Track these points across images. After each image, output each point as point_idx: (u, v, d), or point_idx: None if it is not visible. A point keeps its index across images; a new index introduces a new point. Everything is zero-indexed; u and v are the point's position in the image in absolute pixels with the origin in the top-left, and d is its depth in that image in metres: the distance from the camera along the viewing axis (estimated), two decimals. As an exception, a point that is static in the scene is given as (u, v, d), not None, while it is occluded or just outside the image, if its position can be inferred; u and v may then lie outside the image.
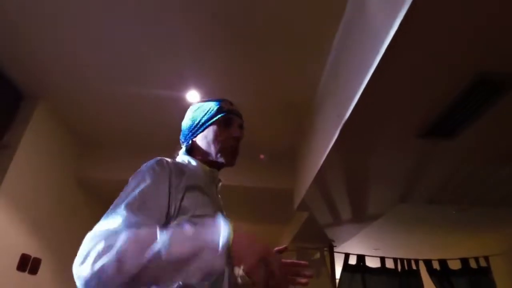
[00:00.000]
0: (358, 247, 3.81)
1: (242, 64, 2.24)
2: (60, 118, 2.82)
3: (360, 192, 2.46)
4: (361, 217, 2.96)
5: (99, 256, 0.57)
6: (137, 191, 0.72)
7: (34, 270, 2.52)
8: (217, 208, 0.89)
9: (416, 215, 2.99)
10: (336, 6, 1.81)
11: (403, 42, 1.21)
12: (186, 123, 1.03)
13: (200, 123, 0.99)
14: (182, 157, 0.97)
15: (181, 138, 1.04)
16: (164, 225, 0.72)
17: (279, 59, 2.19)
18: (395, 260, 3.20)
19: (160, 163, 0.81)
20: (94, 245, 0.59)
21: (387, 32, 1.22)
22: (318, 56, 2.13)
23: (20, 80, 2.41)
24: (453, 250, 3.91)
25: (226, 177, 1.08)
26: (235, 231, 0.64)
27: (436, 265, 3.21)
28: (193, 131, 0.99)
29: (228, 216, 0.94)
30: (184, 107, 2.72)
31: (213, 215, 0.81)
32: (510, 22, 1.12)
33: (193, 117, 1.01)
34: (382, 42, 1.25)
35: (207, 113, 0.99)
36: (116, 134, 3.09)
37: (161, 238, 0.59)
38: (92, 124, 2.95)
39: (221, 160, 0.96)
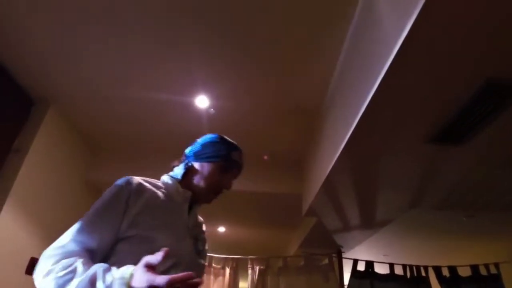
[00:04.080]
0: (366, 253, 3.78)
1: (251, 69, 2.25)
2: (70, 123, 2.86)
3: (369, 198, 2.44)
4: (370, 223, 2.94)
5: (41, 268, 0.77)
6: (92, 211, 0.88)
7: (43, 274, 2.54)
8: (184, 226, 0.98)
9: (426, 221, 2.96)
10: (345, 11, 1.81)
11: (413, 47, 1.20)
12: (196, 146, 1.11)
13: (207, 154, 1.06)
14: (164, 176, 1.06)
15: (185, 153, 1.11)
16: (114, 237, 0.86)
17: (288, 64, 2.20)
18: (404, 266, 3.16)
19: (119, 185, 0.93)
20: (45, 258, 0.78)
21: (397, 37, 1.22)
22: (327, 61, 2.14)
23: (31, 86, 2.45)
24: (462, 256, 3.86)
25: (234, 183, 1.11)
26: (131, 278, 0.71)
27: (445, 272, 3.16)
28: (196, 155, 1.07)
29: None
30: (192, 112, 2.77)
31: (172, 232, 0.91)
32: (523, 28, 1.12)
33: (204, 145, 1.09)
34: (392, 47, 1.26)
35: (217, 151, 1.07)
36: (125, 138, 3.12)
37: (78, 283, 0.72)
38: (102, 128, 2.99)
39: (201, 195, 1.05)
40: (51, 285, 0.74)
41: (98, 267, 0.74)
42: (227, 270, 3.09)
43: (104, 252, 0.86)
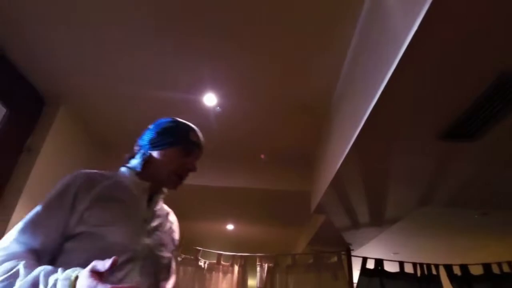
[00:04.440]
0: (376, 251, 3.75)
1: (258, 67, 2.25)
2: (81, 122, 2.89)
3: (379, 195, 2.42)
4: (379, 220, 2.91)
5: None
6: (35, 210, 0.83)
7: (55, 271, 2.59)
8: (141, 218, 0.93)
9: (437, 218, 2.92)
10: (353, 7, 1.79)
11: (423, 41, 1.18)
12: (150, 133, 1.06)
13: (164, 141, 1.01)
14: (122, 168, 1.02)
15: (139, 143, 1.07)
16: (62, 235, 0.82)
17: (296, 61, 2.19)
18: (414, 264, 3.13)
19: (66, 180, 0.88)
20: None
21: (407, 31, 1.20)
22: (335, 57, 2.12)
23: (43, 86, 2.49)
24: (475, 255, 3.80)
25: (243, 180, 1.11)
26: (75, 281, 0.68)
27: (457, 270, 3.11)
28: (153, 144, 1.02)
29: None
30: (201, 110, 2.77)
31: (126, 224, 0.87)
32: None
33: (159, 132, 1.04)
34: (401, 41, 1.23)
35: (174, 136, 1.02)
36: (134, 137, 3.14)
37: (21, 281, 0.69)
38: (112, 127, 3.02)
39: (165, 182, 1.01)
40: None
41: (41, 270, 0.70)
42: (236, 268, 3.10)
43: (52, 251, 0.81)
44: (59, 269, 0.70)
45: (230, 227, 4.78)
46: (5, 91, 2.26)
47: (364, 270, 3.14)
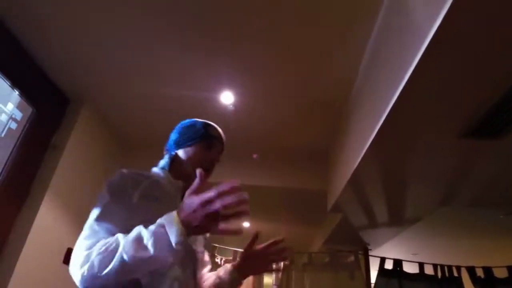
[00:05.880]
0: (394, 251, 3.69)
1: (275, 64, 2.24)
2: (103, 120, 2.98)
3: (398, 194, 2.37)
4: (398, 220, 2.86)
5: (84, 263, 0.74)
6: (101, 207, 0.88)
7: (78, 264, 2.68)
8: None
9: (458, 219, 2.84)
10: (372, 3, 1.76)
11: (446, 36, 1.15)
12: (174, 135, 1.15)
13: (186, 139, 1.11)
14: (154, 168, 1.09)
15: (166, 146, 1.16)
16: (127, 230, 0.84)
17: (313, 58, 2.17)
18: (435, 266, 3.05)
19: (116, 179, 0.93)
20: (81, 254, 0.76)
21: (429, 27, 1.17)
22: (353, 54, 2.09)
23: (67, 86, 2.58)
24: (499, 257, 3.67)
25: (259, 178, 1.13)
26: (178, 212, 0.75)
27: (480, 273, 3.01)
28: (177, 143, 1.11)
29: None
30: (218, 108, 2.81)
31: None
32: None
33: (181, 132, 1.14)
34: (423, 37, 1.21)
35: (195, 133, 1.12)
36: (155, 135, 3.20)
37: (124, 246, 0.72)
38: (133, 125, 3.09)
39: (193, 177, 1.06)
40: (96, 263, 0.72)
41: (138, 228, 0.75)
42: (252, 265, 3.11)
43: None
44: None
45: (246, 224, 4.81)
46: (31, 92, 2.36)
47: (382, 270, 3.09)
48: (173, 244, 0.70)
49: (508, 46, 1.18)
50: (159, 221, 0.74)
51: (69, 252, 2.56)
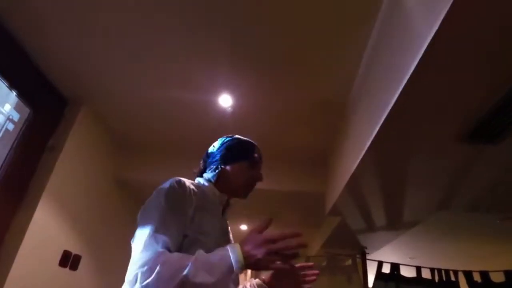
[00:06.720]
0: (392, 255, 3.68)
1: (273, 67, 2.25)
2: (101, 122, 2.97)
3: (396, 198, 2.38)
4: (396, 224, 2.86)
5: (145, 278, 0.73)
6: (158, 217, 0.86)
7: (74, 266, 2.66)
8: (220, 228, 1.05)
9: (456, 223, 2.84)
10: (371, 6, 1.77)
11: (445, 41, 1.16)
12: (220, 150, 1.16)
13: (234, 156, 1.13)
14: (198, 178, 1.13)
15: (210, 160, 1.17)
16: (182, 237, 0.88)
17: (312, 61, 2.18)
18: (432, 270, 3.06)
19: (173, 186, 0.93)
20: (139, 269, 0.75)
21: (428, 30, 1.17)
22: (352, 57, 2.10)
23: (65, 86, 2.56)
24: (496, 261, 3.68)
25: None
26: (240, 244, 0.80)
27: (477, 277, 3.02)
28: (224, 159, 1.13)
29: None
30: (216, 111, 2.79)
31: (215, 234, 0.97)
32: None
33: (229, 149, 1.15)
34: (422, 41, 1.21)
35: (243, 152, 1.16)
36: (153, 137, 3.20)
37: (189, 265, 0.74)
38: (130, 127, 3.08)
39: (239, 192, 1.14)
40: (159, 278, 0.72)
41: (203, 253, 0.79)
42: (250, 268, 3.10)
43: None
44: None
45: (243, 227, 4.80)
46: (29, 93, 2.35)
47: (379, 274, 3.10)
48: (233, 273, 0.75)
49: (505, 50, 1.18)
50: (224, 251, 0.78)
51: (65, 254, 2.54)
